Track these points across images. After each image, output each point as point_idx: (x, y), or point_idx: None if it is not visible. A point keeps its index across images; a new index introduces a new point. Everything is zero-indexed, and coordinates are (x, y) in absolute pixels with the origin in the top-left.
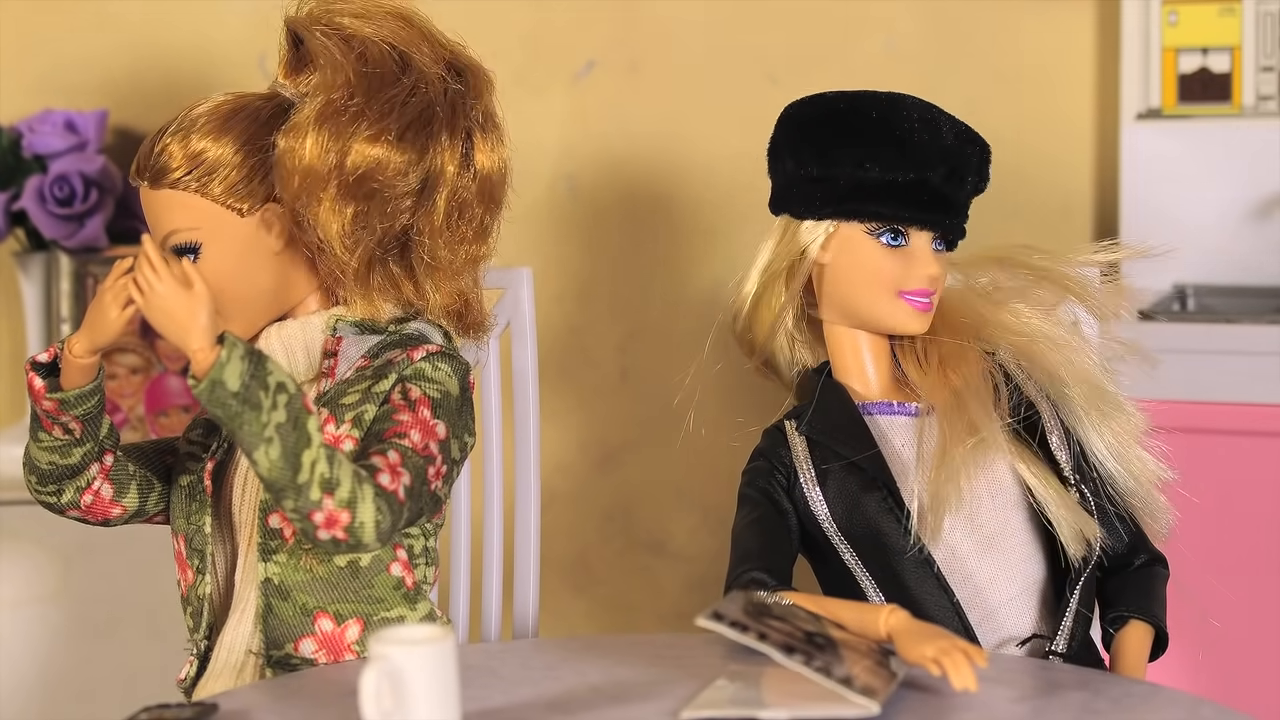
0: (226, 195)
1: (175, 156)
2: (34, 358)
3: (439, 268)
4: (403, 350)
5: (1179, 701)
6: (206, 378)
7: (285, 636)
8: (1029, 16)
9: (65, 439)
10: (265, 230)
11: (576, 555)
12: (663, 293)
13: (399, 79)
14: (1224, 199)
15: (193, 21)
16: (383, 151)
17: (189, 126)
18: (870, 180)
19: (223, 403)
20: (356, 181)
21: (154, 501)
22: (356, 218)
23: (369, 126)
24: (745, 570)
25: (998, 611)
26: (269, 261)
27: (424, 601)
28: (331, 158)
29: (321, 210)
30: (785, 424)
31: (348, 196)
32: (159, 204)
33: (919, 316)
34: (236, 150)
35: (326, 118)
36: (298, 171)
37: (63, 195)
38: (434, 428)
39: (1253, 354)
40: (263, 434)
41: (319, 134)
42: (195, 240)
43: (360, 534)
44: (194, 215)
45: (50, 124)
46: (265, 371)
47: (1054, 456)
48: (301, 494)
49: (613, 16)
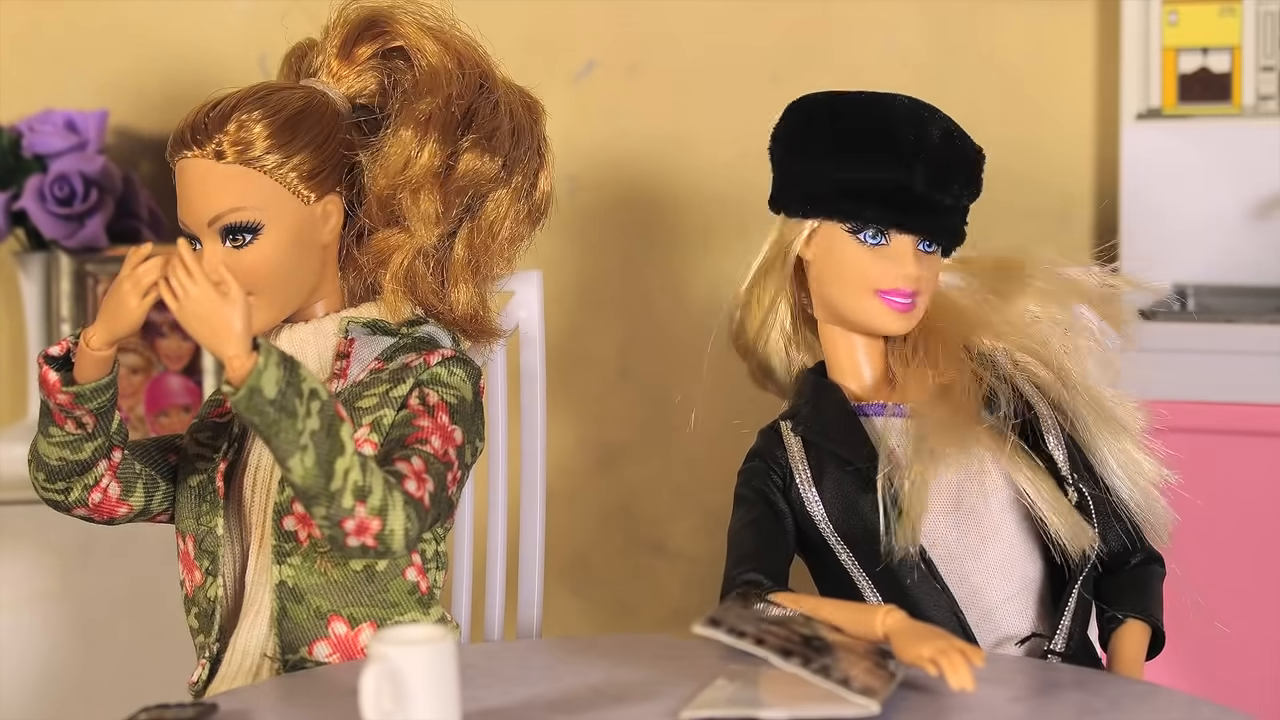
0: (301, 180)
1: (257, 133)
2: (46, 351)
3: (474, 274)
4: (418, 354)
5: (1177, 701)
6: (245, 385)
7: (300, 640)
8: (1029, 16)
9: (77, 434)
10: (322, 222)
11: (576, 555)
12: (663, 293)
13: (483, 89)
14: (1224, 199)
15: (193, 21)
16: (485, 161)
17: (267, 107)
18: (851, 181)
19: (260, 410)
20: (458, 186)
21: (159, 500)
22: (446, 210)
23: (475, 135)
24: (742, 571)
25: (995, 611)
26: (316, 253)
27: (436, 606)
28: (438, 161)
29: (421, 202)
30: (781, 424)
31: (446, 195)
32: (221, 178)
33: (897, 317)
34: (311, 137)
35: (438, 122)
36: (407, 168)
37: (63, 195)
38: (452, 433)
39: (1253, 354)
40: (298, 441)
41: (430, 136)
42: (258, 221)
43: (390, 541)
44: (261, 195)
45: (50, 124)
46: (299, 378)
47: (1051, 456)
48: (334, 501)
49: (613, 16)
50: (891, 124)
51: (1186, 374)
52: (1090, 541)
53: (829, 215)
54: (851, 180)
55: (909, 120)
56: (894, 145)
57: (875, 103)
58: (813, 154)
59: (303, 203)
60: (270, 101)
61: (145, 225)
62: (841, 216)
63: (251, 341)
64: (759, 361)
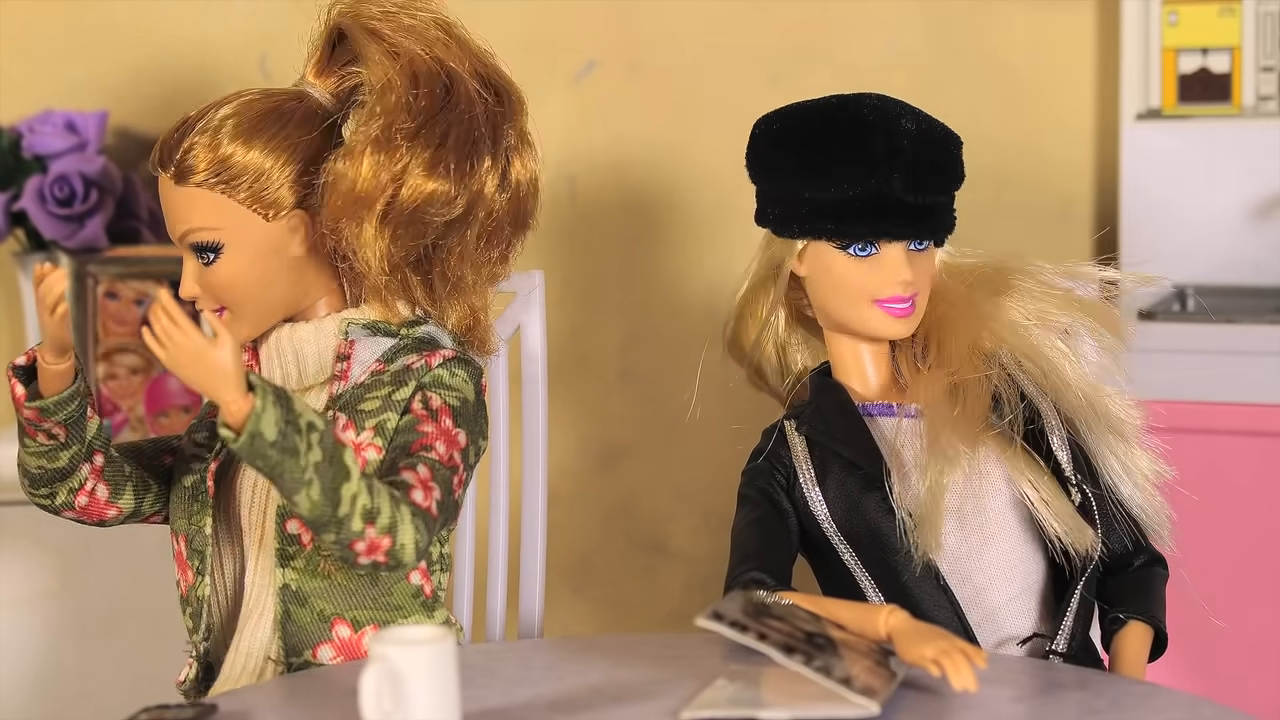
0: (253, 200)
1: (201, 158)
2: (14, 363)
3: (461, 286)
4: (419, 356)
5: (1178, 701)
6: (245, 432)
7: (304, 643)
8: (1029, 16)
9: (50, 444)
10: (289, 235)
11: (577, 556)
12: (663, 293)
13: (446, 101)
14: (1224, 199)
15: (193, 21)
16: (436, 185)
17: (218, 127)
18: (828, 201)
19: (262, 454)
20: (407, 211)
21: (150, 502)
22: (396, 239)
23: (423, 157)
24: (745, 570)
25: (997, 612)
26: (288, 265)
27: (441, 609)
28: (385, 186)
29: (364, 230)
30: (785, 424)
31: (393, 222)
32: (181, 199)
33: (897, 322)
34: (265, 155)
35: (381, 145)
36: (349, 195)
37: (63, 195)
38: (456, 437)
39: (1253, 354)
40: (302, 477)
41: (374, 161)
42: (218, 240)
43: (401, 555)
44: (218, 215)
45: (50, 124)
46: (296, 414)
47: (1054, 456)
48: (343, 526)
49: (613, 16)
50: (861, 132)
51: (1186, 374)
52: (1092, 543)
53: (814, 235)
54: (828, 199)
55: (878, 124)
56: (867, 155)
57: (841, 110)
58: (782, 176)
59: (263, 219)
60: (227, 123)
61: (145, 225)
62: (826, 236)
63: (245, 381)
64: (755, 368)
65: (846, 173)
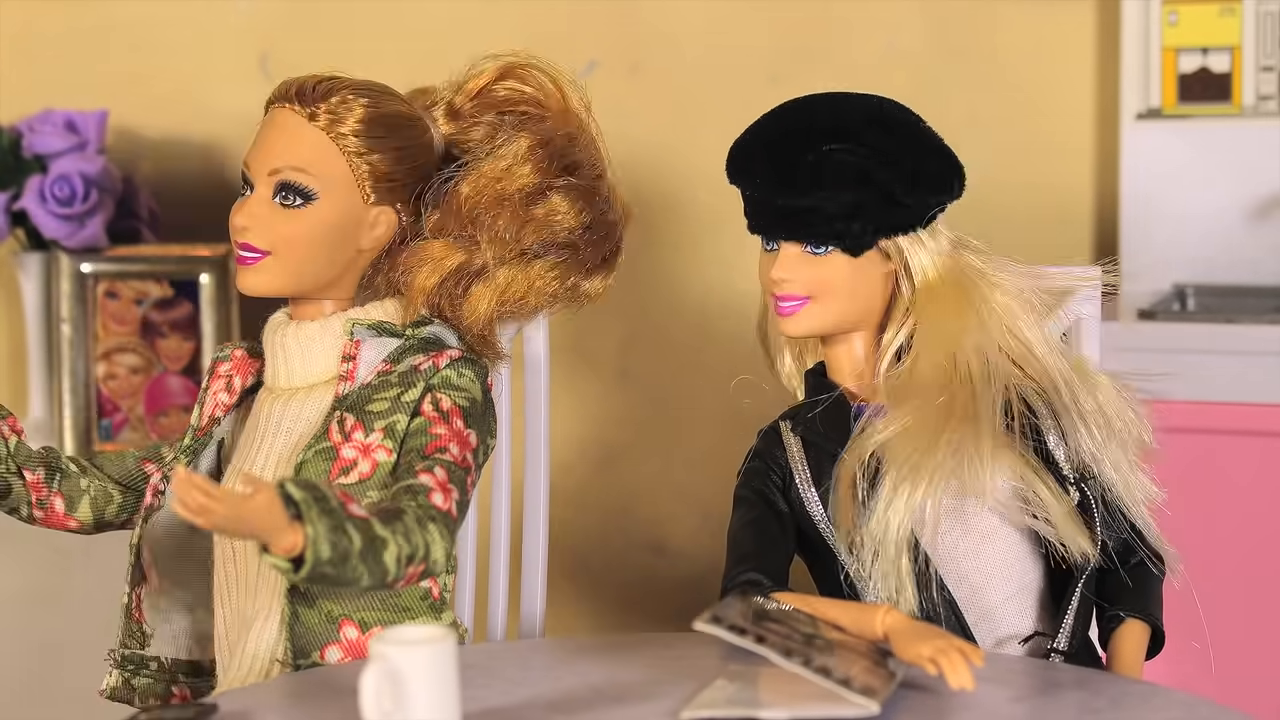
0: (371, 175)
1: (356, 113)
2: None
3: (498, 306)
4: (426, 356)
5: (1177, 701)
6: (306, 566)
7: (311, 644)
8: (1029, 16)
9: None
10: (369, 227)
11: (576, 555)
12: (663, 293)
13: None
14: (1224, 199)
15: (193, 21)
16: (573, 210)
17: (378, 98)
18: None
19: (322, 575)
20: (537, 220)
21: (113, 512)
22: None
23: (575, 181)
24: (741, 571)
25: (994, 611)
26: (350, 251)
27: (448, 611)
28: (532, 185)
29: (500, 218)
30: (780, 424)
31: (523, 223)
32: (299, 137)
33: (782, 320)
34: (400, 149)
35: (554, 149)
36: (503, 178)
37: (63, 195)
38: (467, 438)
39: (1253, 354)
40: (353, 574)
41: (539, 157)
42: (316, 190)
43: (435, 569)
44: (330, 169)
45: (50, 124)
46: (334, 513)
47: (1051, 456)
48: (387, 577)
49: (613, 16)
50: (753, 137)
51: (1186, 374)
52: (1090, 543)
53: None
54: (744, 195)
55: (765, 129)
56: (748, 160)
57: (766, 115)
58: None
59: (363, 198)
60: (378, 98)
61: (145, 225)
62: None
63: (286, 512)
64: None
65: (740, 174)
